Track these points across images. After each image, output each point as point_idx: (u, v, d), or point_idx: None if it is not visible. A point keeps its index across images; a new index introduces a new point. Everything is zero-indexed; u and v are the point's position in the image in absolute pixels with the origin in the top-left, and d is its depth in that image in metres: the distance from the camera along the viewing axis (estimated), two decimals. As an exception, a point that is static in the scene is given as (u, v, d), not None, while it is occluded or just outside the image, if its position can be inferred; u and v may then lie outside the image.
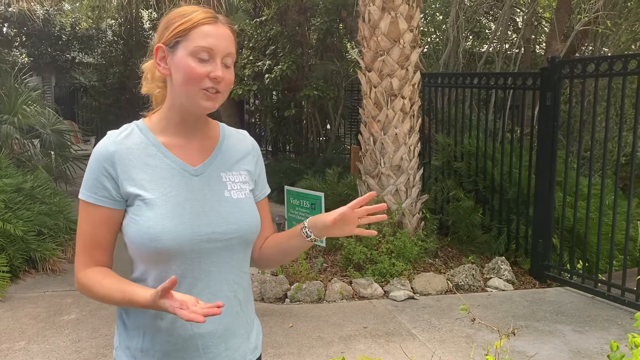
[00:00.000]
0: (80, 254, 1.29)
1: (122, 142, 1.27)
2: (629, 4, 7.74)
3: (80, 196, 1.27)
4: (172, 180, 1.26)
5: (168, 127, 1.31)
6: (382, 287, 4.63)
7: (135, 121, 1.34)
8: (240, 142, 1.41)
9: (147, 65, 1.36)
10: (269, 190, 1.49)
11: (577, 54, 8.14)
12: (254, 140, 1.46)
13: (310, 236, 1.32)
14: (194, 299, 1.12)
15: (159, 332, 1.27)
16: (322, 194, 4.94)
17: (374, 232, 1.31)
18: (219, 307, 1.10)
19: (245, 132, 1.46)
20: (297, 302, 4.44)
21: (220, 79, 1.24)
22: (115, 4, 8.62)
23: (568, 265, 4.91)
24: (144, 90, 1.38)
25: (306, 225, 1.33)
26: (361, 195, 4.45)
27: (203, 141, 1.34)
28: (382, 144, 5.22)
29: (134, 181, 1.24)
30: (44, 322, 3.99)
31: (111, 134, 1.30)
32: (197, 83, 1.23)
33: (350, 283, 4.68)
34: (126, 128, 1.31)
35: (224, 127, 1.42)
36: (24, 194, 5.38)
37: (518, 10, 9.43)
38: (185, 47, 1.24)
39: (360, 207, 1.29)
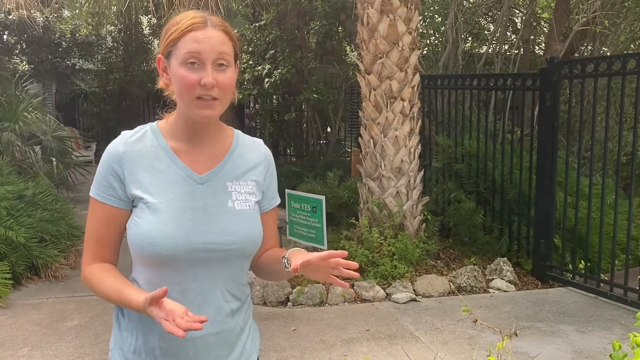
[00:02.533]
0: (87, 249, 1.32)
1: (133, 144, 1.29)
2: (627, 4, 7.76)
3: (90, 193, 1.31)
4: (176, 187, 1.27)
5: (178, 132, 1.31)
6: (384, 289, 4.63)
7: (150, 122, 1.35)
8: (253, 151, 1.39)
9: None
10: (278, 201, 1.46)
11: (576, 54, 8.15)
12: (268, 150, 1.44)
13: (288, 268, 1.28)
14: (183, 310, 1.11)
15: (151, 335, 1.28)
16: (322, 197, 4.95)
17: (347, 285, 1.24)
18: (202, 322, 1.10)
19: (260, 141, 1.44)
20: (299, 306, 4.44)
21: (211, 85, 1.20)
22: (114, 10, 8.64)
23: (570, 266, 4.91)
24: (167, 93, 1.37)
25: (286, 256, 1.30)
26: (362, 198, 4.44)
27: (213, 148, 1.33)
28: (383, 146, 5.22)
29: (139, 184, 1.26)
30: (46, 328, 3.99)
31: (124, 135, 1.31)
32: (190, 92, 1.22)
33: (353, 286, 4.67)
34: (140, 129, 1.33)
35: (239, 135, 1.40)
36: (25, 200, 5.39)
37: (517, 11, 9.45)
38: (177, 56, 1.23)
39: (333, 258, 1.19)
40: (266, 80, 8.62)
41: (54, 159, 7.88)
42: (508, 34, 9.15)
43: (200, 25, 1.23)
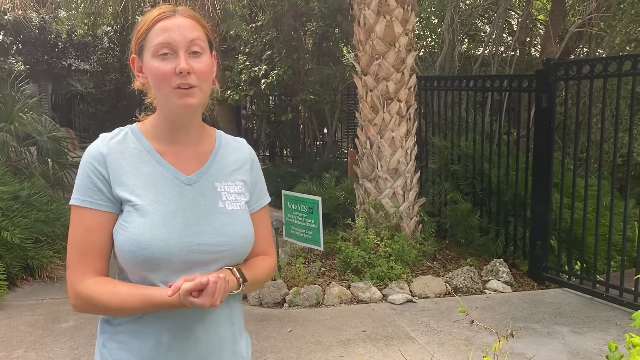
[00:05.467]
0: (76, 264, 1.20)
1: (115, 145, 1.24)
2: (622, 6, 7.78)
3: (73, 202, 1.21)
4: (164, 188, 1.22)
5: (161, 134, 1.27)
6: (380, 290, 4.63)
7: (129, 125, 1.30)
8: (237, 151, 1.37)
9: None
10: (267, 200, 1.43)
11: (572, 56, 8.17)
12: (252, 149, 1.42)
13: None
14: (206, 280, 1.11)
15: (142, 347, 1.23)
16: (319, 198, 4.94)
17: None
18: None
19: (243, 141, 1.42)
20: (296, 307, 4.43)
21: (186, 71, 1.17)
22: (110, 10, 8.63)
23: (566, 267, 4.91)
24: (149, 100, 1.33)
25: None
26: (359, 199, 4.47)
27: (198, 149, 1.30)
28: (379, 147, 5.22)
29: (125, 186, 1.20)
30: (41, 329, 3.98)
31: (104, 137, 1.26)
32: (166, 83, 1.18)
33: (349, 287, 4.67)
34: (119, 132, 1.27)
35: (221, 135, 1.37)
36: (21, 201, 5.36)
37: (513, 13, 9.47)
38: (148, 49, 1.20)
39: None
40: (263, 81, 8.62)
41: (49, 160, 7.85)
42: (504, 35, 9.17)
43: (168, 14, 1.21)
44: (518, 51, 8.34)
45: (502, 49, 9.02)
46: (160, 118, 1.27)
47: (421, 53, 8.60)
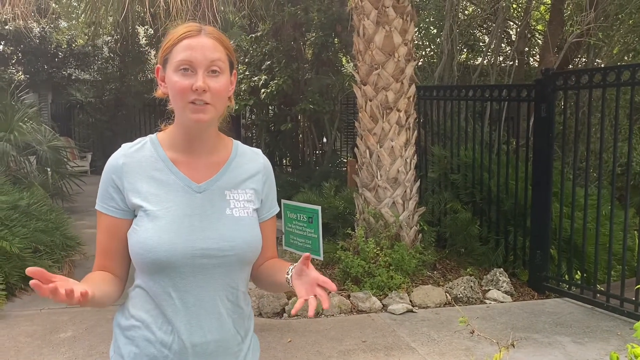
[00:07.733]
0: (95, 259, 1.36)
1: (132, 155, 1.32)
2: (620, 16, 7.83)
3: (96, 206, 1.35)
4: (174, 195, 1.29)
5: (176, 143, 1.34)
6: (380, 300, 4.61)
7: (150, 134, 1.38)
8: (251, 161, 1.42)
9: None
10: (277, 210, 1.49)
11: (570, 66, 8.21)
12: (267, 160, 1.47)
13: (290, 283, 1.27)
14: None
15: (149, 344, 1.29)
16: (319, 208, 4.93)
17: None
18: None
19: (258, 151, 1.47)
20: (296, 317, 4.41)
21: (202, 89, 1.23)
22: (111, 20, 8.68)
23: (566, 276, 4.90)
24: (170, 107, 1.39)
25: (290, 272, 1.29)
26: (358, 208, 4.45)
27: (212, 158, 1.36)
28: (379, 156, 5.23)
29: (139, 193, 1.29)
30: (39, 340, 3.95)
31: (124, 147, 1.35)
32: (183, 97, 1.25)
33: (349, 297, 4.65)
34: (140, 141, 1.36)
35: (238, 145, 1.43)
36: (20, 211, 5.36)
37: (511, 23, 9.52)
38: (171, 63, 1.28)
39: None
40: (262, 90, 8.64)
41: (49, 169, 7.86)
42: (503, 45, 9.21)
43: (193, 33, 1.27)
44: (517, 61, 8.37)
45: (501, 59, 9.06)
46: (177, 128, 1.34)
47: (420, 63, 8.64)
